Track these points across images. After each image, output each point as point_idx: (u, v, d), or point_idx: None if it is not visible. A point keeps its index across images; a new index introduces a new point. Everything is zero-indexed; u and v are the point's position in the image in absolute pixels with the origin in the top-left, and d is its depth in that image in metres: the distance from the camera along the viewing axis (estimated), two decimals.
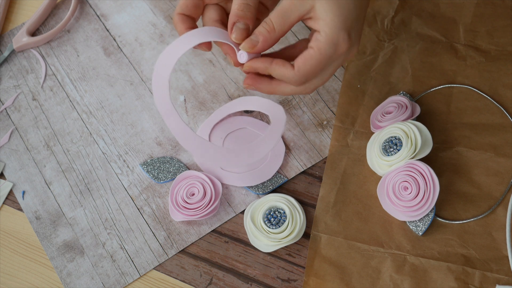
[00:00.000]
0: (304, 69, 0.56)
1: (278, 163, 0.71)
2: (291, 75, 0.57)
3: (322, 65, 0.55)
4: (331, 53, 0.55)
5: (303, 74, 0.56)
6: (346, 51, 0.55)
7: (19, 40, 0.81)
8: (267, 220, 0.67)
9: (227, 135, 0.73)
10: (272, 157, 0.71)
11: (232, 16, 0.58)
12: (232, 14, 0.58)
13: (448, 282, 0.63)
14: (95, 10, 0.83)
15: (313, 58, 0.55)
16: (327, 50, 0.54)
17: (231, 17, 0.58)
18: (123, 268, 0.68)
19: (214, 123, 0.74)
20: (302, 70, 0.56)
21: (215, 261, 0.67)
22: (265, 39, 0.56)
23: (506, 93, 0.72)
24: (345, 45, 0.54)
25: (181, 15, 0.61)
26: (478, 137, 0.70)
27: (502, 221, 0.66)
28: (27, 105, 0.77)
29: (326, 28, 0.53)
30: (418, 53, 0.75)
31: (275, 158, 0.71)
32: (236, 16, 0.57)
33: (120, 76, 0.79)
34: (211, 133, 0.74)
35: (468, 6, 0.77)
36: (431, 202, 0.65)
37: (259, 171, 0.71)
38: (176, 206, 0.69)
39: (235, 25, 0.57)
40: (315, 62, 0.55)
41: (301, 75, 0.56)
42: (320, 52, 0.55)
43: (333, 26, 0.53)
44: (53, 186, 0.72)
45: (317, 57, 0.55)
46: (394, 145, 0.67)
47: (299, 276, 0.66)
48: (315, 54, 0.55)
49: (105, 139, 0.75)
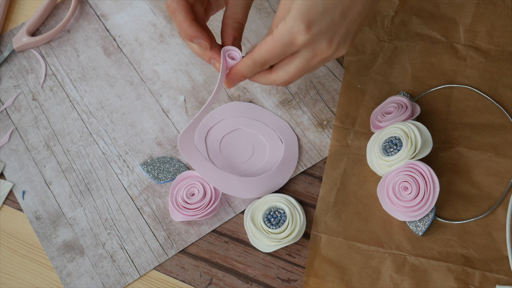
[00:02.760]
0: (258, 52, 0.57)
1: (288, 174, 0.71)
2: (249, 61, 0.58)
3: (276, 51, 0.56)
4: (285, 41, 0.55)
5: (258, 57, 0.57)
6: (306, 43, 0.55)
7: (19, 40, 0.81)
8: (267, 220, 0.67)
9: (223, 137, 0.73)
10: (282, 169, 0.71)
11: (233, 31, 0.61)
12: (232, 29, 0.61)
13: (448, 282, 0.63)
14: (95, 10, 0.83)
15: (267, 43, 0.56)
16: (281, 37, 0.55)
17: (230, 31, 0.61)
18: (123, 268, 0.68)
19: (210, 127, 0.74)
20: (257, 53, 0.57)
21: (215, 261, 0.67)
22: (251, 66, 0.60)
23: (506, 93, 0.72)
24: (302, 36, 0.54)
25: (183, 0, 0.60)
26: (478, 137, 0.70)
27: (502, 221, 0.66)
28: (27, 105, 0.77)
29: (286, 17, 0.54)
30: (418, 53, 0.75)
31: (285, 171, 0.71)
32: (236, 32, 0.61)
33: (120, 76, 0.79)
34: (206, 137, 0.73)
35: (468, 6, 0.77)
36: (431, 202, 0.65)
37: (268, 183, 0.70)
38: (176, 206, 0.69)
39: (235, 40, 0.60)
40: (269, 47, 0.56)
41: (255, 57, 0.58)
42: (274, 38, 0.55)
43: (292, 15, 0.54)
44: (53, 186, 0.72)
45: (270, 42, 0.56)
46: (394, 145, 0.67)
47: (299, 276, 0.66)
48: (270, 38, 0.56)
49: (105, 139, 0.75)
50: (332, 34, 0.55)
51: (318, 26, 0.54)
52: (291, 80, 0.60)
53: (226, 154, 0.72)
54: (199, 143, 0.73)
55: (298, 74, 0.59)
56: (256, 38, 0.79)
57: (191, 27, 0.59)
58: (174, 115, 0.75)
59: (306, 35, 0.54)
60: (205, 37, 0.59)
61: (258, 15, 0.80)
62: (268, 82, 0.61)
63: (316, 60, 0.57)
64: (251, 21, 0.80)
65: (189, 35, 0.59)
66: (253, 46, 0.60)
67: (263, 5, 0.81)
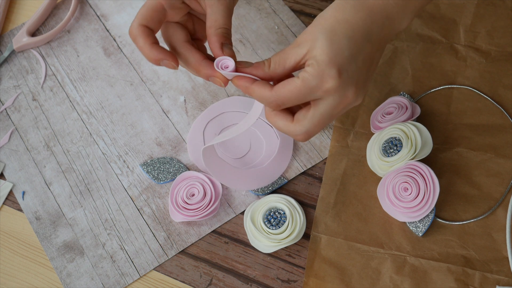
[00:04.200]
0: (281, 92, 0.55)
1: (283, 166, 0.71)
2: (268, 95, 0.56)
3: (301, 94, 0.54)
4: (313, 85, 0.53)
5: (280, 97, 0.55)
6: (334, 88, 0.53)
7: (19, 40, 0.80)
8: (267, 220, 0.67)
9: (221, 131, 0.73)
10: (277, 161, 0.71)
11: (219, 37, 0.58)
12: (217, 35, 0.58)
13: (448, 283, 0.63)
14: (95, 10, 0.83)
15: (293, 84, 0.54)
16: (310, 81, 0.53)
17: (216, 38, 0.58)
18: (123, 269, 0.68)
19: (208, 119, 0.74)
20: (280, 92, 0.55)
21: (215, 262, 0.67)
22: (257, 66, 0.56)
23: (506, 94, 0.72)
24: (332, 81, 0.53)
25: (144, 27, 0.58)
26: (478, 138, 0.70)
27: (502, 222, 0.66)
28: (27, 105, 0.77)
29: (314, 62, 0.53)
30: (418, 53, 0.75)
31: (280, 162, 0.71)
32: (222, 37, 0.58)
33: (120, 76, 0.79)
34: (205, 130, 0.74)
35: (468, 6, 0.77)
36: (431, 203, 0.65)
37: (263, 174, 0.70)
38: (176, 206, 0.69)
39: (224, 45, 0.58)
40: (295, 89, 0.54)
41: (277, 96, 0.55)
42: (303, 81, 0.54)
43: (322, 60, 0.53)
44: (53, 186, 0.72)
45: (297, 84, 0.54)
46: (394, 146, 0.67)
47: (299, 277, 0.66)
48: (297, 81, 0.54)
49: (105, 140, 0.75)
50: (357, 80, 0.54)
51: (346, 72, 0.53)
52: (314, 131, 0.57)
53: (223, 149, 0.72)
54: (197, 135, 0.73)
55: (321, 123, 0.56)
56: (256, 38, 0.79)
57: (152, 50, 0.58)
58: (174, 115, 0.75)
59: (336, 80, 0.53)
60: (169, 56, 0.58)
61: (258, 15, 0.80)
62: (288, 131, 0.58)
63: (341, 107, 0.55)
64: (251, 21, 0.80)
65: (153, 59, 0.58)
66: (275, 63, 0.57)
67: (263, 5, 0.81)
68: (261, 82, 0.56)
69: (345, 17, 0.54)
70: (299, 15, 0.80)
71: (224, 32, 0.58)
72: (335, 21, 0.54)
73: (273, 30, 0.79)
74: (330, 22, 0.54)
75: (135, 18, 0.59)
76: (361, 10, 0.54)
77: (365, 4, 0.54)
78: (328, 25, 0.53)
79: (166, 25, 0.61)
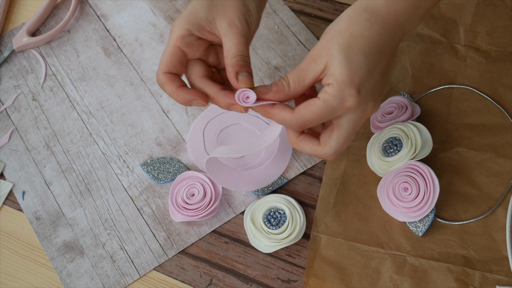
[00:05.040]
0: (303, 114, 0.55)
1: (283, 166, 0.71)
2: (290, 118, 0.56)
3: (324, 115, 0.55)
4: (335, 106, 0.54)
5: (302, 119, 0.56)
6: (354, 106, 0.54)
7: (19, 40, 0.81)
8: (267, 220, 0.67)
9: (221, 131, 0.73)
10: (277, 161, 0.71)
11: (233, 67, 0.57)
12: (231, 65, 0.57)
13: (448, 283, 0.63)
14: (95, 10, 0.83)
15: (315, 106, 0.55)
16: (332, 102, 0.54)
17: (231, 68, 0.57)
18: (123, 269, 0.68)
19: (208, 119, 0.74)
20: (302, 114, 0.56)
21: (215, 262, 0.67)
22: (277, 90, 0.56)
23: (506, 93, 0.72)
24: (352, 100, 0.54)
25: (168, 74, 0.59)
26: (478, 138, 0.70)
27: (502, 222, 0.66)
28: (27, 105, 0.77)
29: (334, 82, 0.54)
30: (418, 53, 0.75)
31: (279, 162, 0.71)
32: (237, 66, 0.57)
33: (120, 76, 0.79)
34: (205, 129, 0.74)
35: (468, 6, 0.77)
36: (431, 203, 0.65)
37: (263, 175, 0.70)
38: (176, 206, 0.69)
39: (239, 74, 0.57)
40: (317, 110, 0.55)
41: (300, 120, 0.56)
42: (324, 103, 0.54)
43: (342, 80, 0.53)
44: (53, 186, 0.72)
45: (319, 106, 0.55)
46: (394, 145, 0.67)
47: (299, 277, 0.66)
48: (319, 102, 0.55)
49: (105, 140, 0.75)
50: (375, 93, 0.56)
51: (365, 89, 0.54)
52: (342, 149, 0.58)
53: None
54: (197, 134, 0.73)
55: (348, 140, 0.57)
56: (256, 38, 0.79)
57: (179, 94, 0.58)
58: (174, 115, 0.75)
59: (356, 98, 0.54)
60: (197, 96, 0.58)
61: None
62: (317, 154, 0.59)
63: (362, 120, 0.57)
64: None
65: (182, 102, 0.59)
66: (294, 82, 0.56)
67: None
68: (281, 105, 0.57)
69: (360, 32, 0.54)
70: (299, 15, 0.80)
71: (238, 60, 0.57)
72: (350, 36, 0.54)
73: (273, 30, 0.79)
74: (346, 37, 0.54)
75: (159, 67, 0.59)
76: (375, 24, 0.54)
77: (379, 16, 0.54)
78: (344, 40, 0.54)
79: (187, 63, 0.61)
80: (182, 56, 0.59)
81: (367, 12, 0.54)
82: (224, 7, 0.58)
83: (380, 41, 0.55)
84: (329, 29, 0.55)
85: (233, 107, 0.58)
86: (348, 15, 0.55)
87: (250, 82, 0.57)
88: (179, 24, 0.58)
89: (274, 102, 0.57)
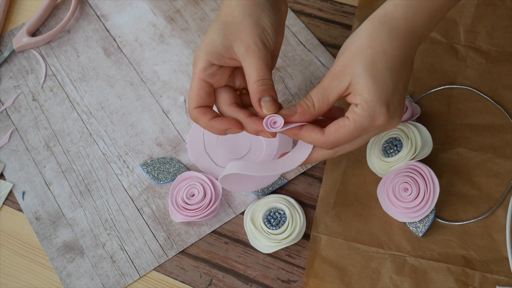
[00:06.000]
0: (335, 136, 0.56)
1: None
2: (321, 141, 0.56)
3: (354, 135, 0.55)
4: (366, 126, 0.55)
5: (334, 141, 0.56)
6: (384, 123, 0.55)
7: (19, 40, 0.80)
8: (267, 221, 0.67)
9: None
10: None
11: (255, 94, 0.57)
12: (253, 92, 0.57)
13: (448, 283, 0.63)
14: (95, 10, 0.83)
15: (346, 128, 0.55)
16: (363, 123, 0.54)
17: (254, 95, 0.57)
18: (123, 269, 0.68)
19: None
20: (333, 137, 0.56)
21: (215, 262, 0.67)
22: (303, 111, 0.56)
23: (506, 94, 0.72)
24: (382, 118, 0.54)
25: (199, 108, 0.59)
26: (478, 138, 0.70)
27: (502, 222, 0.66)
28: (27, 105, 0.77)
29: (363, 103, 0.54)
30: (418, 54, 0.75)
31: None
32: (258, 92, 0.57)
33: (120, 76, 0.79)
34: (204, 133, 0.74)
35: (468, 7, 0.77)
36: (431, 203, 0.65)
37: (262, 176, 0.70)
38: (176, 207, 0.69)
39: (262, 100, 0.57)
40: (348, 132, 0.55)
41: (331, 142, 0.56)
42: (355, 124, 0.54)
43: (370, 100, 0.53)
44: (53, 186, 0.72)
45: (350, 128, 0.55)
46: (394, 146, 0.67)
47: (299, 277, 0.66)
48: (350, 124, 0.55)
49: (105, 140, 0.75)
50: (401, 106, 0.56)
51: (393, 105, 0.54)
52: (353, 150, 0.59)
53: (223, 148, 0.72)
54: (197, 135, 0.73)
55: (362, 144, 0.59)
56: None
57: (213, 126, 0.58)
58: (174, 115, 0.75)
59: (386, 115, 0.54)
60: (231, 124, 0.58)
61: None
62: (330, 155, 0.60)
63: (384, 132, 0.58)
64: None
65: (218, 132, 0.59)
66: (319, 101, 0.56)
67: None
68: (309, 127, 0.57)
69: (382, 48, 0.54)
70: (299, 15, 0.80)
71: (259, 85, 0.57)
72: (373, 52, 0.54)
73: None
74: (369, 54, 0.54)
75: (189, 103, 0.59)
76: (396, 39, 0.54)
77: (398, 31, 0.54)
78: (368, 58, 0.54)
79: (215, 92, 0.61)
80: (209, 87, 0.59)
81: (386, 26, 0.54)
82: (239, 32, 0.57)
83: (402, 55, 0.54)
84: (349, 45, 0.55)
85: (262, 134, 0.58)
86: (367, 30, 0.55)
87: (273, 108, 0.57)
88: (199, 57, 0.58)
89: (302, 124, 0.57)
